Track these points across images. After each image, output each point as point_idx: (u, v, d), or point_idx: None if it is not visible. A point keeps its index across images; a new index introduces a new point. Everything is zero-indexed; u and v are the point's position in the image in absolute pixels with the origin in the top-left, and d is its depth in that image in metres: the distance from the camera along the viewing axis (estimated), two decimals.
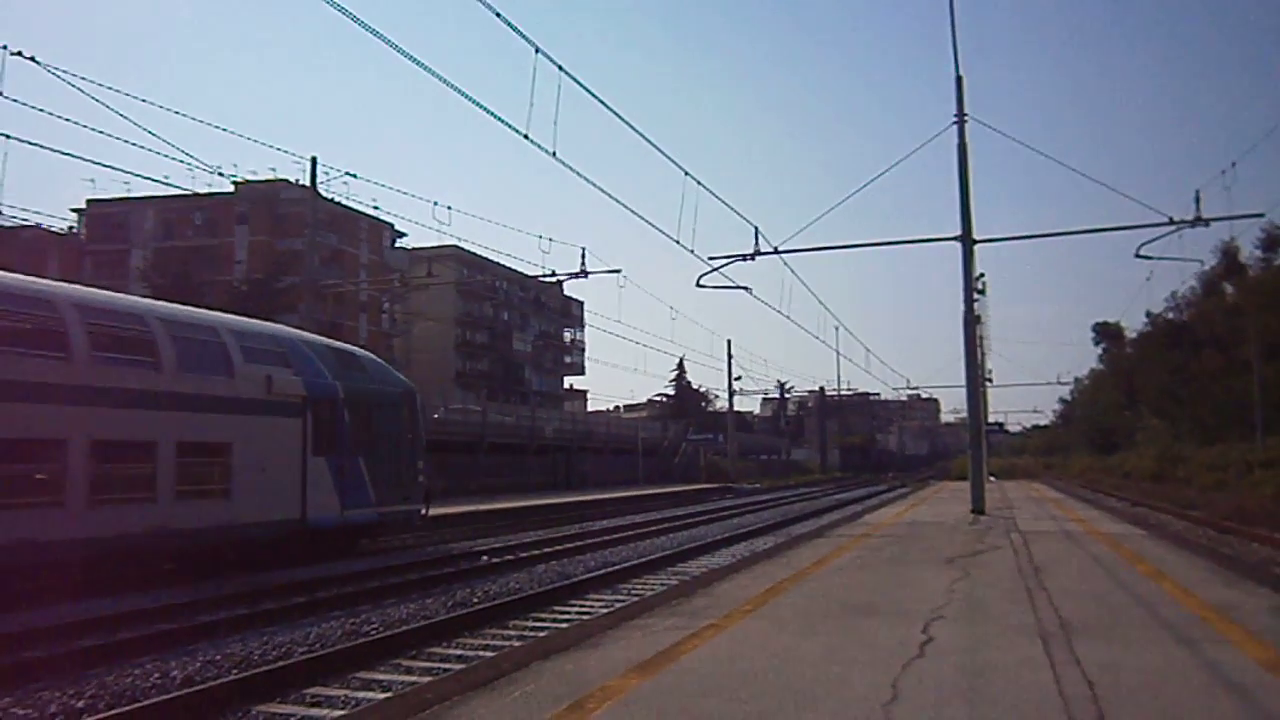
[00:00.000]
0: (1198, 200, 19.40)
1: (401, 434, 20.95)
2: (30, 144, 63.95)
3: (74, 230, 65.80)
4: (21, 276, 14.39)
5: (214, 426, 15.91)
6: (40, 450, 13.20)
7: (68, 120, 52.94)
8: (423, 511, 21.72)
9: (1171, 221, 19.69)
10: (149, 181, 54.23)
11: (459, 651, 9.85)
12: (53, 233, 58.69)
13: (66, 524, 13.15)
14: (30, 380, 12.85)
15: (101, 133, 30.71)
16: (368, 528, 19.76)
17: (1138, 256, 21.10)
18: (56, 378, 13.21)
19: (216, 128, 74.06)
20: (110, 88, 51.20)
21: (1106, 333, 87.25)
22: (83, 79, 36.98)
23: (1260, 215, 21.92)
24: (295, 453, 17.49)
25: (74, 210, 66.79)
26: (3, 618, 11.12)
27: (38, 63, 18.79)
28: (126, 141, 64.54)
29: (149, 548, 14.72)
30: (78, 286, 15.84)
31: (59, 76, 19.51)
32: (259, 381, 16.78)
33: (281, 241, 61.35)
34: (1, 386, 12.47)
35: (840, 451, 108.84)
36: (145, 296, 22.64)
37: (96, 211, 65.47)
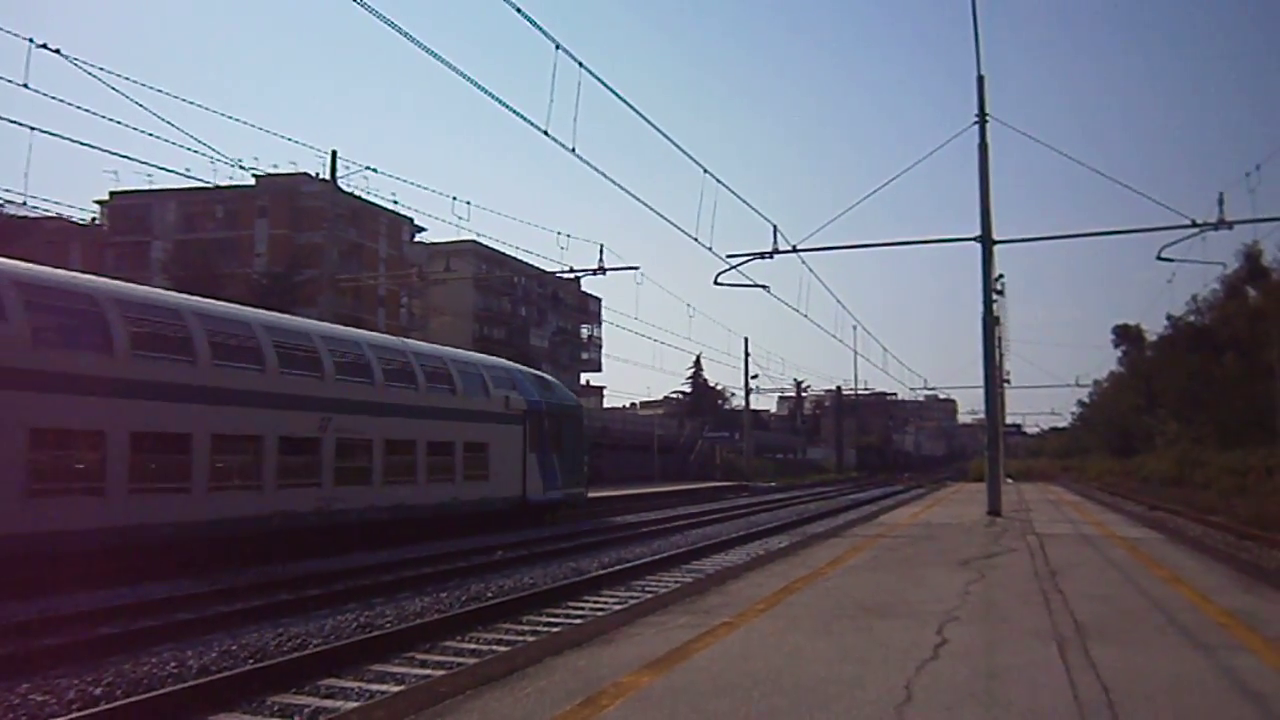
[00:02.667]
0: (1221, 202, 19.25)
1: (575, 436, 28.63)
2: (54, 135, 64.12)
3: (96, 222, 66.29)
4: (387, 336, 23.88)
5: (481, 432, 23.46)
6: (405, 448, 20.76)
7: (91, 112, 53.37)
8: (586, 494, 29.61)
9: (1194, 224, 19.51)
10: (171, 174, 54.61)
11: (473, 646, 9.89)
12: (75, 224, 59.12)
13: (418, 494, 21.01)
14: (405, 404, 20.83)
15: (124, 125, 31.01)
16: (556, 504, 26.94)
17: (1159, 259, 20.95)
18: (412, 401, 21.11)
19: (238, 121, 74.49)
20: (133, 80, 51.62)
21: (1126, 335, 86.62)
22: (106, 72, 37.29)
23: None
24: (519, 450, 24.99)
25: (97, 202, 67.29)
26: (24, 605, 11.25)
27: (62, 55, 18.93)
28: (149, 134, 64.73)
29: (449, 513, 21.93)
30: (419, 342, 25.19)
31: (83, 69, 19.65)
32: (501, 400, 24.52)
33: (301, 235, 61.59)
34: (390, 408, 20.26)
35: (856, 451, 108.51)
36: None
37: (119, 203, 65.88)
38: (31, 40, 18.40)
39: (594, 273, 31.37)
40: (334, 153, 31.07)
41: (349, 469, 19.02)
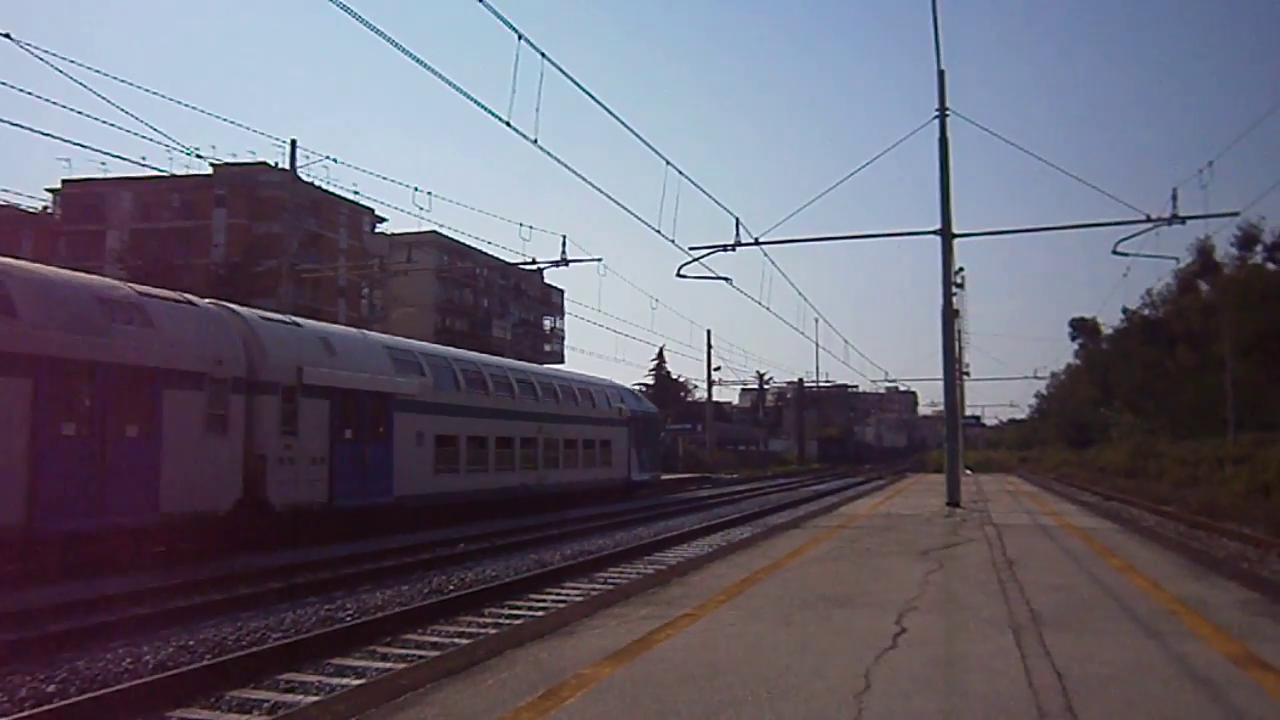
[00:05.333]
0: (1175, 198, 19.52)
1: (655, 435, 41.33)
2: (4, 122, 62.92)
3: (49, 210, 65.03)
4: (559, 368, 46.09)
5: (607, 433, 34.61)
6: (572, 444, 31.56)
7: (43, 99, 52.13)
8: (660, 476, 41.55)
9: (1149, 219, 19.80)
10: (126, 162, 53.63)
11: (434, 639, 9.85)
12: (27, 212, 57.99)
13: (580, 474, 31.88)
14: (572, 414, 31.80)
15: (78, 112, 30.44)
16: (646, 483, 37.93)
17: (1115, 253, 21.23)
18: (576, 412, 32.16)
19: (195, 109, 73.34)
20: (87, 67, 50.63)
21: (1083, 328, 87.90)
22: (59, 57, 36.51)
23: (1235, 214, 21.97)
24: (625, 444, 36.10)
25: (49, 190, 66.05)
26: None
27: (12, 40, 18.51)
28: (103, 121, 63.58)
29: (593, 488, 32.52)
30: (572, 369, 41.29)
31: (34, 54, 19.21)
32: (616, 410, 35.59)
33: (260, 225, 60.80)
34: (566, 418, 31.08)
35: (818, 443, 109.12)
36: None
37: (72, 192, 64.64)
38: None
39: (556, 264, 31.27)
40: (293, 142, 30.58)
41: (549, 457, 29.66)
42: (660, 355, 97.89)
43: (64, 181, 64.19)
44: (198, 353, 16.52)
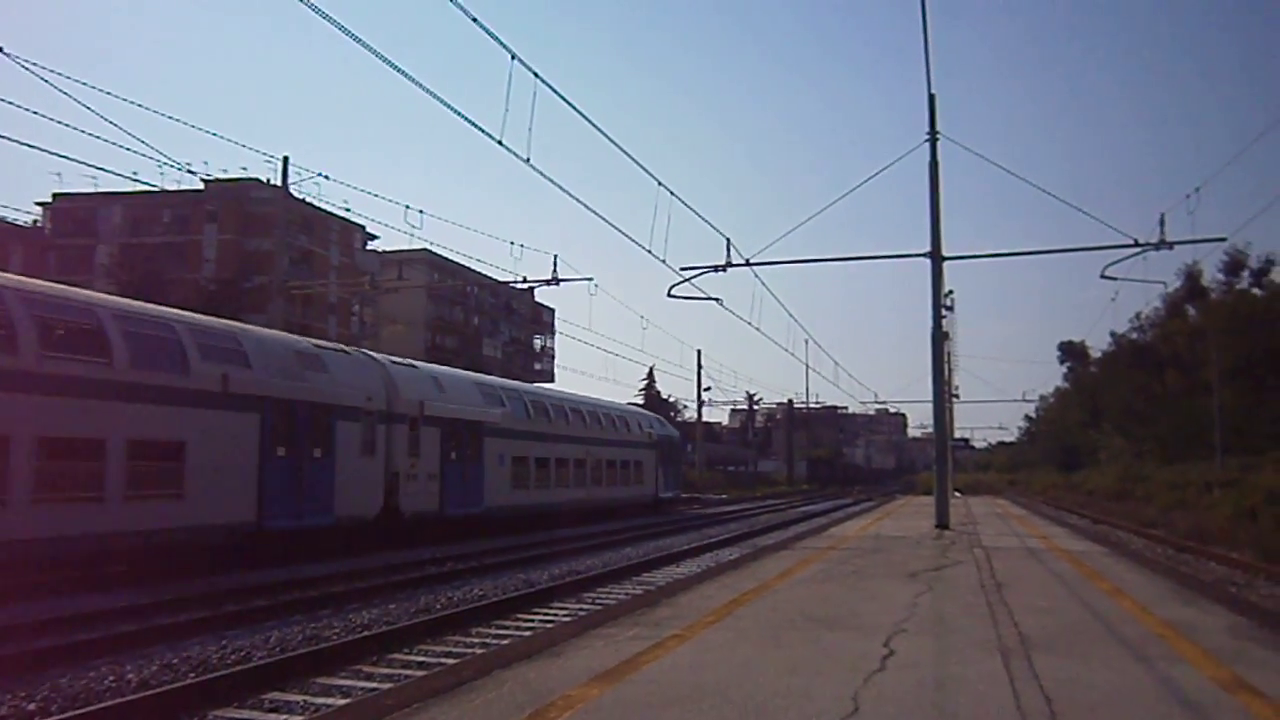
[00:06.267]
0: (1162, 223, 19.63)
1: (678, 456, 46.18)
2: None
3: (39, 224, 64.87)
4: (600, 398, 41.31)
5: (639, 454, 38.96)
6: (611, 465, 35.95)
7: (34, 113, 52.04)
8: (682, 493, 46.50)
9: (1137, 244, 19.91)
10: (117, 177, 53.49)
11: (421, 658, 9.78)
12: (16, 226, 57.86)
13: (616, 491, 36.19)
14: (612, 439, 36.32)
15: (69, 126, 30.39)
16: (670, 500, 42.26)
17: (1103, 277, 21.39)
18: (615, 437, 36.70)
19: (187, 124, 73.30)
20: (79, 81, 50.68)
21: (1072, 351, 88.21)
22: (50, 71, 36.45)
23: (1222, 239, 22.13)
24: (654, 465, 40.51)
25: (39, 204, 65.86)
26: None
27: (4, 53, 18.49)
28: (94, 136, 63.18)
29: (626, 503, 36.61)
30: (610, 399, 44.76)
31: (25, 68, 19.20)
32: (646, 435, 40.24)
33: (251, 241, 60.78)
34: (608, 442, 35.87)
35: (807, 464, 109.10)
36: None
37: (62, 206, 64.46)
38: None
39: (548, 283, 31.20)
40: (285, 158, 30.60)
41: (594, 476, 33.97)
42: (650, 375, 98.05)
43: (54, 195, 64.06)
44: (356, 391, 20.91)
